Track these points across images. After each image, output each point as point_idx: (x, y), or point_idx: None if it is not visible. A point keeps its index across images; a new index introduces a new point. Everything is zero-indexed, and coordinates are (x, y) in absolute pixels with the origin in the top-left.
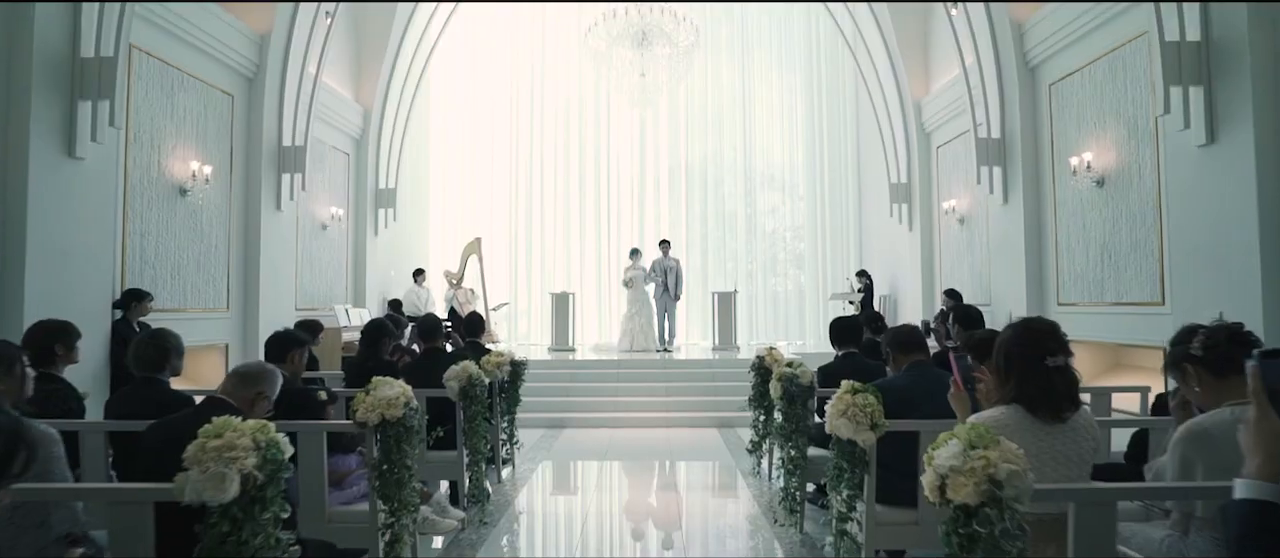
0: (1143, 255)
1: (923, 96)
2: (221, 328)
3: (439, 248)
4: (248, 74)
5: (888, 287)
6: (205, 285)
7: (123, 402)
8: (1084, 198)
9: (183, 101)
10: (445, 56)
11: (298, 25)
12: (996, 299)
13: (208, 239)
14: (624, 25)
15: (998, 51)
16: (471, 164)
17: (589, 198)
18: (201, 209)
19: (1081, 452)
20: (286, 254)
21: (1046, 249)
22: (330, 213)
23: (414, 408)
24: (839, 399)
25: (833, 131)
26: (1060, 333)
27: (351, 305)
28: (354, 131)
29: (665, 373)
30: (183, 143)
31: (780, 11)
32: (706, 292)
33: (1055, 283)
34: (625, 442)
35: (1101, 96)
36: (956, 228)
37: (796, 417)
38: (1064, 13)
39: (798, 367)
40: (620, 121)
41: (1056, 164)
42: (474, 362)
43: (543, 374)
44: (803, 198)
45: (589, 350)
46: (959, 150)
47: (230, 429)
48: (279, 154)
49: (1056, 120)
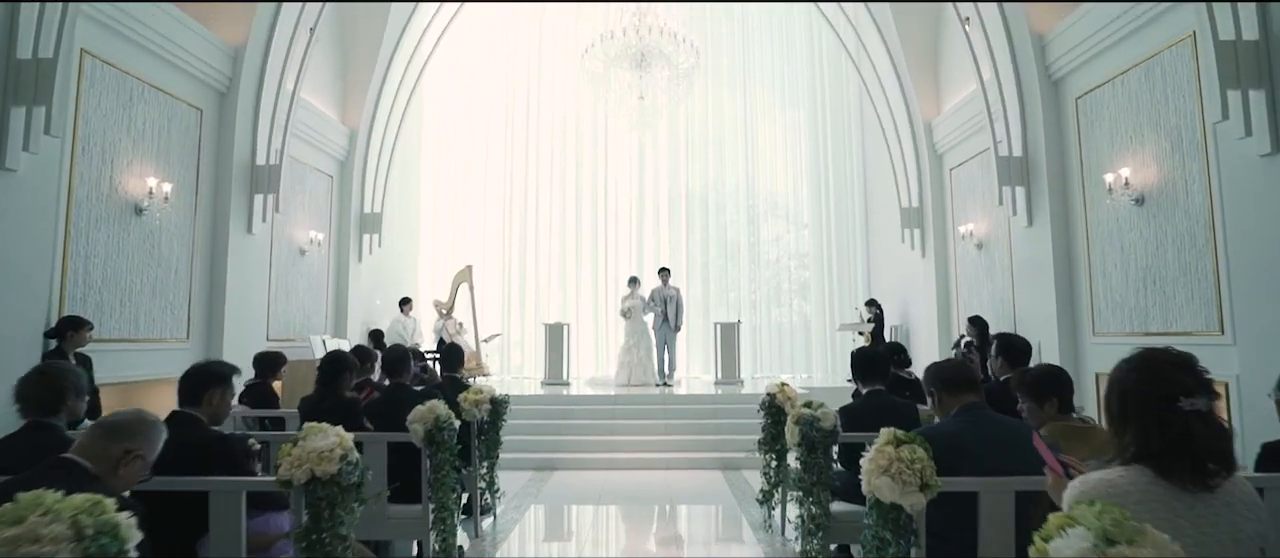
0: (1195, 280)
1: (934, 117)
2: (179, 360)
3: (428, 276)
4: (219, 87)
5: (899, 316)
6: (161, 313)
7: (4, 452)
8: (1121, 218)
9: (142, 113)
10: (437, 77)
11: (276, 37)
12: (1022, 328)
13: (166, 262)
14: (622, 47)
15: (1017, 65)
16: (464, 189)
17: (586, 224)
18: (160, 230)
19: (1240, 535)
20: (258, 280)
21: (1078, 274)
22: (309, 237)
23: (354, 463)
24: (879, 453)
25: (837, 155)
26: (1197, 367)
27: (330, 336)
28: (338, 153)
29: (665, 409)
30: (140, 158)
31: (782, 33)
32: (708, 322)
33: (1089, 311)
34: (621, 486)
35: (1137, 108)
36: (974, 253)
37: (817, 466)
38: (1090, 21)
39: (817, 407)
40: (618, 146)
41: (1087, 182)
42: (448, 400)
43: (533, 410)
44: (806, 225)
45: (584, 385)
46: (975, 171)
47: (38, 511)
48: (252, 173)
49: (1085, 136)
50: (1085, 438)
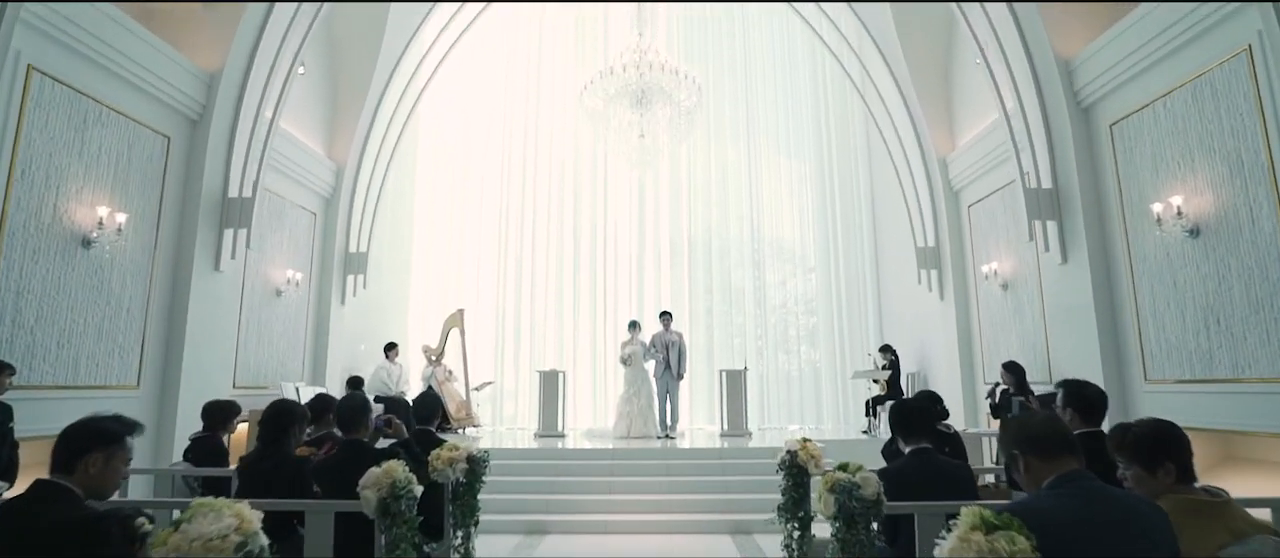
0: (1269, 318)
1: (948, 153)
2: (127, 409)
3: (419, 319)
4: (191, 115)
5: (916, 363)
6: (108, 356)
7: None
8: (1173, 251)
9: (98, 138)
10: (432, 114)
11: (257, 63)
12: (1059, 374)
13: (117, 300)
14: (622, 83)
15: (1042, 93)
16: (458, 228)
17: (584, 267)
18: (111, 264)
19: None
20: (224, 322)
21: (1123, 314)
22: (287, 276)
23: (257, 553)
24: (964, 542)
25: (845, 195)
26: None
27: (306, 384)
28: (323, 189)
29: (667, 465)
30: (93, 186)
31: (786, 69)
32: (711, 370)
33: (1139, 355)
34: (619, 553)
35: (1184, 131)
36: (999, 294)
37: (858, 544)
38: (1121, 44)
39: (855, 471)
40: (618, 186)
41: (1128, 213)
42: (414, 458)
43: (525, 466)
44: (813, 268)
45: (581, 437)
46: (996, 207)
47: None
48: (223, 206)
49: (1123, 164)
50: (1218, 516)
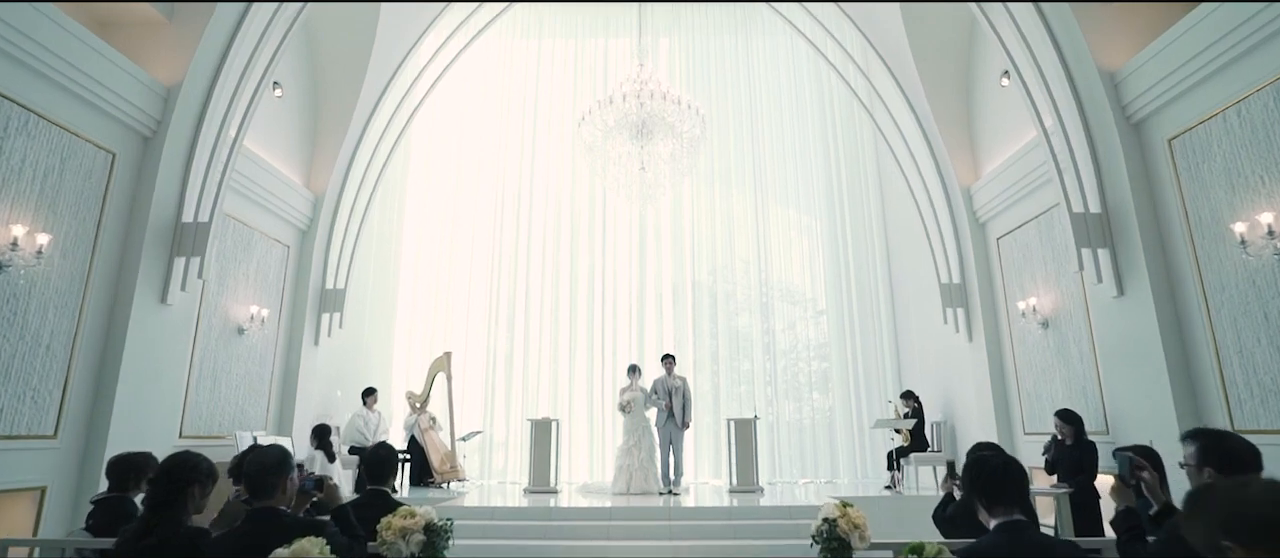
0: None
1: (972, 183)
2: (40, 464)
3: (404, 363)
4: (143, 130)
5: (941, 410)
6: (17, 401)
7: None
8: (1260, 278)
9: (21, 148)
10: (422, 146)
11: (222, 79)
12: (1118, 422)
13: (34, 336)
14: (621, 113)
15: (1083, 110)
16: (447, 267)
17: (580, 308)
18: (27, 294)
19: None
20: (172, 361)
21: (1198, 352)
22: (251, 313)
23: None
24: None
25: (857, 229)
26: None
27: (269, 432)
28: (298, 220)
29: (670, 527)
30: (7, 201)
31: (793, 106)
32: (717, 419)
33: (1222, 400)
34: None
35: (1267, 141)
36: (1038, 333)
37: None
38: (1178, 51)
39: (934, 553)
40: (617, 224)
41: (1197, 237)
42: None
43: (511, 527)
44: (824, 310)
45: (575, 493)
46: (1031, 238)
47: None
48: (176, 232)
49: (1186, 182)
50: None
